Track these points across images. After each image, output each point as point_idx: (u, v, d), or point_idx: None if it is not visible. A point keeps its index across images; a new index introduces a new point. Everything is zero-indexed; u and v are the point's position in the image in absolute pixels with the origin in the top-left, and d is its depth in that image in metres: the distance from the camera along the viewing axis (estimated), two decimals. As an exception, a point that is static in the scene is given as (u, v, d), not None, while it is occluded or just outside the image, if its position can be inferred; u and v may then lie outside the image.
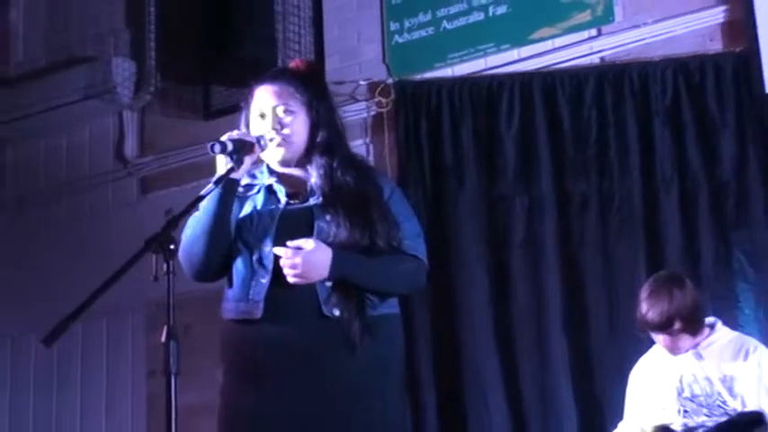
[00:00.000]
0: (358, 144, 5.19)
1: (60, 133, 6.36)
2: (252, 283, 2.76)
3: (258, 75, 2.96)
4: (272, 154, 2.84)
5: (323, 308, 2.70)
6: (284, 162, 2.86)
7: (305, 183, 2.84)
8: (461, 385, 4.91)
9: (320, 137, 2.86)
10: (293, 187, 2.84)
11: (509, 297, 4.92)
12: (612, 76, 4.90)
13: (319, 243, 2.69)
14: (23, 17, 6.51)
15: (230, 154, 2.71)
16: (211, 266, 2.80)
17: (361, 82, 5.45)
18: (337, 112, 3.02)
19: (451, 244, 5.04)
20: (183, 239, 2.74)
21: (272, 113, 2.85)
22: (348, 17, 5.62)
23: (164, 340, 2.42)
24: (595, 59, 5.03)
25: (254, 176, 2.88)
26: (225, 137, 2.73)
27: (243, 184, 2.83)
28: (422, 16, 5.44)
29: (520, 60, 5.18)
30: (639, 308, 3.78)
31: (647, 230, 4.72)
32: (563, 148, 4.95)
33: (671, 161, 4.72)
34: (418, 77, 5.35)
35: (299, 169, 2.87)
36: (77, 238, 6.04)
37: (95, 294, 2.36)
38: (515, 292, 4.91)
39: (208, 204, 2.73)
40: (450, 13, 5.38)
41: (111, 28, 5.99)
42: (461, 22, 5.35)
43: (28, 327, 5.71)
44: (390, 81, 5.37)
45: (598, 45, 5.03)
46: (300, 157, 2.86)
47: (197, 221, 2.76)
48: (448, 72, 5.33)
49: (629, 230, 4.75)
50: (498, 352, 4.88)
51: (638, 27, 4.92)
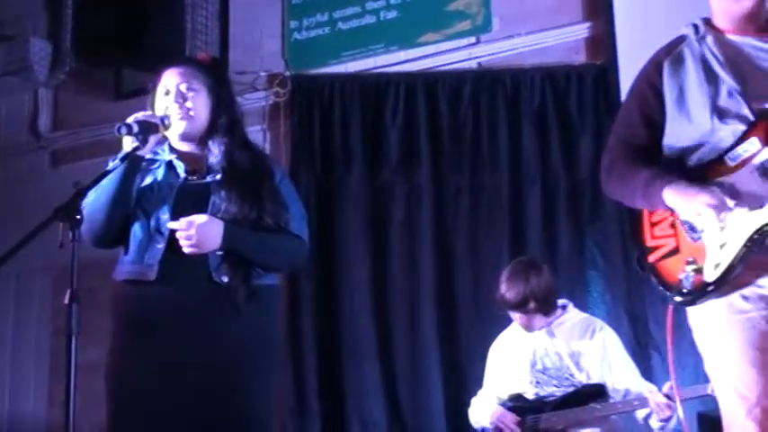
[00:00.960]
0: (256, 129, 5.34)
1: (-22, 107, 6.29)
2: (148, 248, 2.80)
3: (167, 61, 3.03)
4: (175, 127, 2.88)
5: (213, 274, 2.77)
6: (185, 136, 2.91)
7: (203, 160, 2.90)
8: (340, 352, 5.09)
9: (221, 119, 2.91)
10: (192, 164, 2.91)
11: (387, 274, 5.13)
12: (488, 80, 5.15)
13: (212, 217, 2.75)
14: (-57, -2, 6.32)
15: (136, 135, 2.76)
16: (110, 234, 2.85)
17: (262, 73, 5.59)
18: (236, 100, 3.09)
19: (337, 224, 5.21)
20: (86, 207, 2.74)
21: (176, 89, 2.91)
22: (252, 13, 5.74)
23: (67, 302, 2.45)
24: (474, 64, 5.26)
25: (156, 153, 2.92)
26: (131, 118, 2.79)
27: (146, 158, 2.88)
28: (319, 16, 5.60)
29: (406, 61, 5.39)
30: (499, 288, 3.95)
31: (511, 220, 4.95)
32: (441, 142, 5.17)
33: (535, 160, 4.97)
34: (313, 72, 5.52)
35: (198, 148, 2.92)
36: (-9, 205, 6.02)
37: (4, 258, 2.40)
38: (393, 269, 5.13)
39: (113, 176, 2.79)
40: (346, 15, 5.56)
41: (29, 10, 5.92)
42: (355, 23, 5.54)
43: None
44: (288, 74, 5.53)
45: (477, 52, 5.26)
46: (201, 136, 2.91)
47: (102, 191, 2.80)
48: (341, 69, 5.51)
49: (495, 219, 4.99)
50: (375, 322, 5.07)
51: (513, 38, 5.17)
